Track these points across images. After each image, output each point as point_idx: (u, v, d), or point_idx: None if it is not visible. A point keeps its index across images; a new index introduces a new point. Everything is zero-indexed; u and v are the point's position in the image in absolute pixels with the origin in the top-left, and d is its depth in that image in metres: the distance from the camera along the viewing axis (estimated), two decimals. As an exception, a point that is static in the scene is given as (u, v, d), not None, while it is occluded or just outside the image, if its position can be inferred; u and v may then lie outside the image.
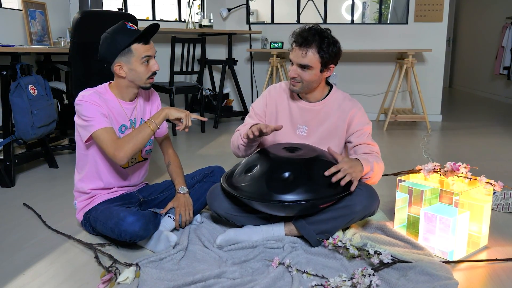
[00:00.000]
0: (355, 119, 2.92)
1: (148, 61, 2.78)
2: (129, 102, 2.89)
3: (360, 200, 2.65)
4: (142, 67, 2.76)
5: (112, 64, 2.76)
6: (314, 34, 2.77)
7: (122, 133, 2.87)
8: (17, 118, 3.92)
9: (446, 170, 2.78)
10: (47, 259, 2.63)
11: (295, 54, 2.80)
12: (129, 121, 2.89)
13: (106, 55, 2.75)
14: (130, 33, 2.71)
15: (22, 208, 3.43)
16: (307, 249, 2.66)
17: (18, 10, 5.23)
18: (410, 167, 4.33)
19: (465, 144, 5.70)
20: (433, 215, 2.61)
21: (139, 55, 2.73)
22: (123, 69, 2.75)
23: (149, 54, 2.77)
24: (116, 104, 2.83)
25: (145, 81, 2.81)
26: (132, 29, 2.73)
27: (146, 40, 2.76)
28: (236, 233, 2.73)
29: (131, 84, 2.82)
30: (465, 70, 13.06)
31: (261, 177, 2.56)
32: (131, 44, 2.71)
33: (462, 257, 2.63)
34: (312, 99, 2.95)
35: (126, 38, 2.70)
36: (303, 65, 2.78)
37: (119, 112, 2.84)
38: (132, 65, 2.74)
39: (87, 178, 2.90)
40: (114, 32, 2.73)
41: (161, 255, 2.54)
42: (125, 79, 2.79)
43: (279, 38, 7.45)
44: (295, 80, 2.84)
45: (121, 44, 2.70)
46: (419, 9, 7.23)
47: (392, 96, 6.94)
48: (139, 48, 2.73)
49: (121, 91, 2.85)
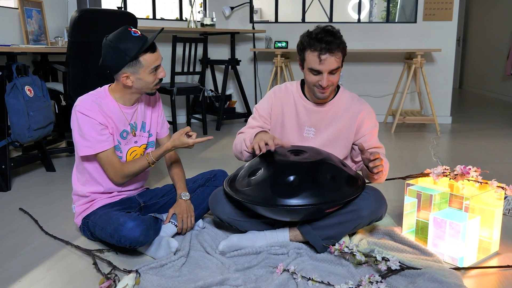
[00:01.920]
0: (364, 123, 2.93)
1: (156, 70, 2.77)
2: (129, 107, 2.89)
3: (367, 204, 2.66)
4: (150, 77, 2.74)
5: (117, 74, 2.73)
6: (329, 33, 2.75)
7: (124, 139, 2.88)
8: (13, 120, 3.92)
9: (456, 173, 2.78)
10: (44, 265, 2.63)
11: (327, 63, 2.74)
12: (129, 126, 2.90)
13: (112, 66, 2.70)
14: (135, 42, 2.66)
15: (18, 213, 3.44)
16: (313, 255, 2.66)
17: (14, 9, 5.24)
18: (418, 171, 4.33)
19: (475, 147, 5.70)
20: (443, 220, 2.61)
21: (147, 66, 2.70)
22: (130, 78, 2.72)
23: (158, 64, 2.75)
24: (116, 109, 2.83)
25: (152, 88, 2.81)
26: (137, 36, 2.67)
27: (153, 48, 2.73)
28: (239, 239, 2.74)
29: (137, 91, 2.82)
30: (476, 71, 13.04)
31: (265, 181, 2.56)
32: (140, 55, 2.67)
33: (473, 264, 2.63)
34: (321, 100, 2.95)
35: (133, 48, 2.64)
36: (334, 69, 2.77)
37: (119, 118, 2.84)
38: (140, 75, 2.71)
39: (87, 181, 2.91)
40: (118, 39, 2.66)
41: (162, 261, 2.54)
42: (131, 88, 2.78)
43: (284, 37, 7.46)
44: (327, 87, 2.83)
45: (128, 55, 2.64)
46: (428, 7, 7.23)
47: (400, 98, 6.94)
48: (148, 58, 2.69)
49: (124, 96, 2.84)
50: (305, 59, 2.82)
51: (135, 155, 2.96)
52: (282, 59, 6.93)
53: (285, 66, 7.09)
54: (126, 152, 2.92)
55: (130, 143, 2.93)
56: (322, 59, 2.73)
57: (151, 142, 3.06)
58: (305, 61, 2.83)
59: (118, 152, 2.87)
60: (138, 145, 2.98)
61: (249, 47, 7.73)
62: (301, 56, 2.87)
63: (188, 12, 7.27)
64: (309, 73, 2.83)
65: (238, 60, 7.16)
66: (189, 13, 7.17)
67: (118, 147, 2.87)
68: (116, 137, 2.85)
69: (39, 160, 4.55)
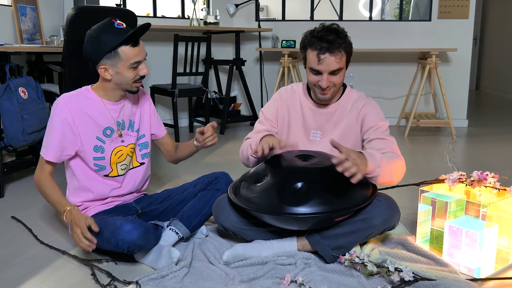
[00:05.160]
0: (368, 116, 2.91)
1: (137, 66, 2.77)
2: (114, 103, 2.90)
3: (379, 212, 2.66)
4: (130, 72, 2.75)
5: (96, 65, 2.76)
6: (332, 32, 2.76)
7: (108, 137, 2.89)
8: (6, 123, 3.93)
9: (472, 179, 2.78)
10: (39, 276, 2.64)
11: (326, 63, 2.75)
12: (115, 123, 2.90)
13: (90, 56, 2.74)
14: (117, 33, 2.68)
15: (10, 221, 3.44)
16: (322, 266, 2.66)
17: (7, 6, 5.26)
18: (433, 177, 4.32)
19: (493, 152, 5.70)
20: (459, 228, 2.61)
21: (127, 59, 2.71)
22: (108, 71, 2.75)
23: (138, 60, 2.75)
24: (99, 105, 2.85)
25: (132, 85, 2.81)
26: (120, 28, 2.70)
27: (135, 41, 2.73)
28: (244, 248, 2.74)
29: (117, 87, 2.83)
30: (494, 71, 13.02)
31: (271, 187, 2.56)
32: (118, 46, 2.68)
33: (490, 275, 2.63)
34: (325, 101, 2.96)
35: (113, 39, 2.67)
36: (336, 70, 2.78)
37: (103, 113, 2.85)
38: (119, 69, 2.73)
39: (74, 191, 2.94)
40: (100, 30, 2.70)
41: (163, 272, 2.55)
42: (111, 82, 2.80)
43: (291, 36, 7.47)
44: (327, 88, 2.83)
45: (106, 46, 2.67)
46: (443, 4, 7.23)
47: (414, 100, 6.93)
48: (128, 52, 2.70)
49: (106, 92, 2.87)
50: (306, 58, 2.84)
51: (120, 155, 2.96)
52: (290, 59, 6.94)
53: (292, 67, 7.09)
54: (111, 152, 2.92)
55: (116, 142, 2.93)
56: (321, 58, 2.75)
57: (144, 143, 3.07)
58: (306, 60, 2.85)
59: (99, 153, 2.87)
60: (125, 145, 2.97)
61: (254, 46, 7.75)
62: (303, 55, 2.89)
63: (191, 9, 7.28)
64: (310, 73, 2.85)
65: (243, 60, 7.18)
66: (192, 11, 7.19)
67: (99, 147, 2.87)
68: (98, 136, 2.86)
69: (33, 165, 4.55)
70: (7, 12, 5.25)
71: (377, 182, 2.73)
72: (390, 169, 2.71)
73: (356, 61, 7.18)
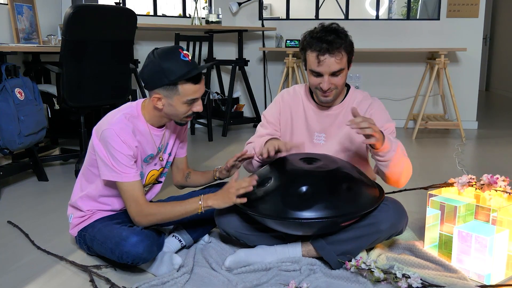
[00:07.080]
0: (374, 117, 2.86)
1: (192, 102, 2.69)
2: (158, 129, 2.83)
3: (386, 217, 2.65)
4: (184, 107, 2.66)
5: (150, 91, 2.66)
6: (331, 32, 2.75)
7: (146, 163, 2.84)
8: (2, 125, 3.94)
9: (482, 183, 2.78)
10: (36, 283, 2.64)
11: (326, 64, 2.73)
12: (157, 149, 2.86)
13: (147, 81, 2.63)
14: (181, 66, 2.57)
15: (6, 226, 3.45)
16: (327, 272, 2.66)
17: (3, 4, 5.27)
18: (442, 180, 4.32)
19: (503, 155, 5.70)
20: (468, 233, 2.61)
21: (184, 95, 2.61)
22: (162, 101, 2.65)
23: (196, 97, 2.67)
24: (146, 132, 2.77)
25: (182, 119, 2.74)
26: (185, 60, 2.59)
27: (197, 79, 2.64)
28: (247, 254, 2.74)
29: (166, 116, 2.75)
30: (504, 72, 13.01)
31: (275, 191, 2.56)
32: (179, 81, 2.59)
33: (501, 281, 2.63)
34: (329, 104, 2.96)
35: (176, 72, 2.55)
36: (336, 71, 2.77)
37: (148, 141, 2.79)
38: (173, 101, 2.63)
39: (88, 199, 2.86)
40: (164, 57, 2.58)
41: (164, 278, 2.56)
42: (161, 112, 2.71)
43: (296, 35, 7.46)
44: (329, 90, 2.82)
45: (167, 77, 2.56)
46: (452, 3, 7.23)
47: (422, 101, 6.93)
48: (188, 88, 2.61)
49: (152, 118, 2.77)
50: (306, 60, 2.83)
51: (151, 176, 2.92)
52: (294, 59, 6.94)
53: (297, 67, 7.09)
54: (146, 175, 2.88)
55: (150, 166, 2.89)
56: (321, 60, 2.73)
57: (168, 163, 3.04)
58: (306, 62, 2.84)
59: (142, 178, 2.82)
60: (157, 168, 2.94)
61: (258, 46, 7.75)
62: (303, 57, 2.88)
63: (192, 8, 7.30)
64: (311, 75, 2.84)
65: (246, 60, 7.18)
66: (193, 9, 7.21)
67: (142, 173, 2.81)
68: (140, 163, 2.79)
69: (30, 168, 4.56)
70: (3, 11, 5.26)
71: (388, 169, 2.71)
72: (403, 161, 2.72)
73: (363, 62, 7.19)
